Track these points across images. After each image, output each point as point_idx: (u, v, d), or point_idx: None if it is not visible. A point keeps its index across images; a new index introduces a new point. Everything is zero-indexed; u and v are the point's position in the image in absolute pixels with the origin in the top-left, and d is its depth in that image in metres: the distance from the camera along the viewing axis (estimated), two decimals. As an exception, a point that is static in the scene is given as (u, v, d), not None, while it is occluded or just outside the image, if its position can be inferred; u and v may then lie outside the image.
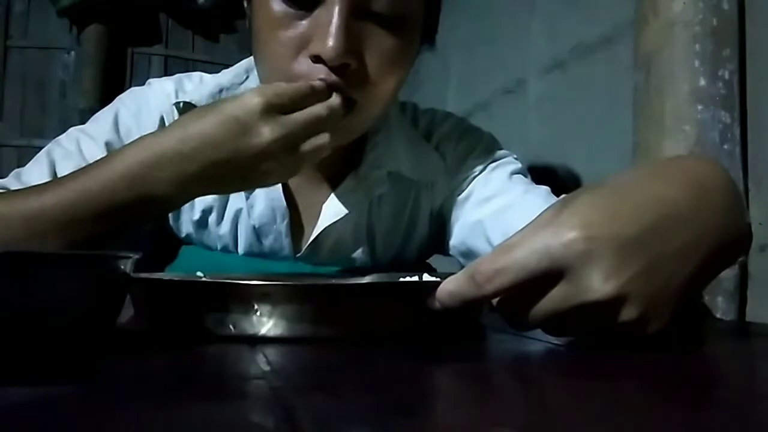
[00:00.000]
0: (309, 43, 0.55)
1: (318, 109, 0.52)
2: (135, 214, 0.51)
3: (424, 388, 0.28)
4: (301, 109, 0.51)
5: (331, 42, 0.53)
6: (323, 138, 0.52)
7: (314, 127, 0.51)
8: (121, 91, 0.73)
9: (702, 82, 0.69)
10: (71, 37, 2.67)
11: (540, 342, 0.38)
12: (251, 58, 0.70)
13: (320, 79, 0.54)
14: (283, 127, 0.50)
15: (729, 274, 0.68)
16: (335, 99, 0.53)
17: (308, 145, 0.52)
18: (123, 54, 2.73)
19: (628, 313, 0.33)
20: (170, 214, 0.69)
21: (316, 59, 0.54)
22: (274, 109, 0.50)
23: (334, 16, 0.53)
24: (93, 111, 0.70)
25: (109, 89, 2.50)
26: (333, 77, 0.54)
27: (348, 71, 0.55)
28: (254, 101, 0.49)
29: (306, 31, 0.55)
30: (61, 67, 2.68)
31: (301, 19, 0.55)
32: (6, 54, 2.63)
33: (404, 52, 0.59)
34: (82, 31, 2.62)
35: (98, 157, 0.63)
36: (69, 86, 2.66)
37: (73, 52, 2.67)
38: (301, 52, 0.55)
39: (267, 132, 0.49)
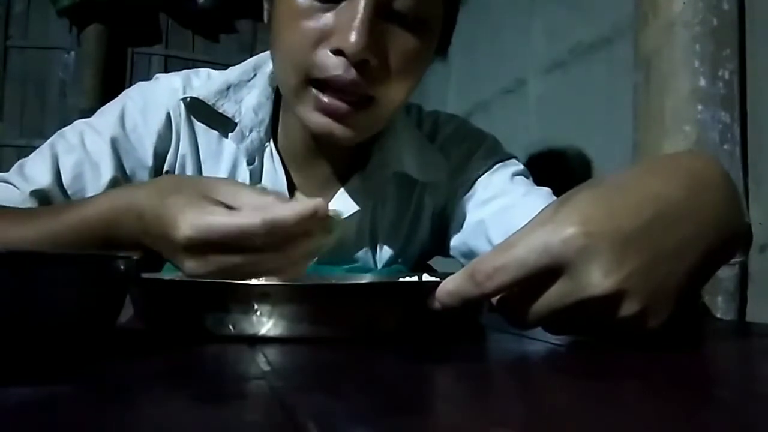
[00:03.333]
0: (331, 36, 0.55)
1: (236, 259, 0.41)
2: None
3: (424, 388, 0.28)
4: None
5: (353, 37, 0.53)
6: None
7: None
8: (121, 91, 0.73)
9: (702, 82, 0.69)
10: (71, 37, 2.67)
11: (540, 342, 0.38)
12: (258, 56, 0.70)
13: (338, 76, 0.55)
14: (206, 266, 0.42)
15: (729, 274, 0.68)
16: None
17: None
18: (123, 54, 2.73)
19: (627, 309, 0.33)
20: None
21: (337, 53, 0.55)
22: (200, 247, 0.41)
23: (358, 12, 0.53)
24: (93, 111, 0.70)
25: (109, 89, 2.50)
26: (352, 72, 0.55)
27: (367, 68, 0.55)
28: (179, 237, 0.41)
29: (329, 24, 0.55)
30: (61, 67, 2.69)
31: (325, 12, 0.55)
32: (6, 54, 2.63)
33: (422, 56, 0.60)
34: (82, 31, 2.62)
35: (102, 152, 0.63)
36: (69, 86, 2.66)
37: (73, 52, 2.67)
38: (322, 45, 0.56)
39: (190, 266, 0.42)
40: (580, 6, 1.03)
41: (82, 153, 0.63)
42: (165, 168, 0.68)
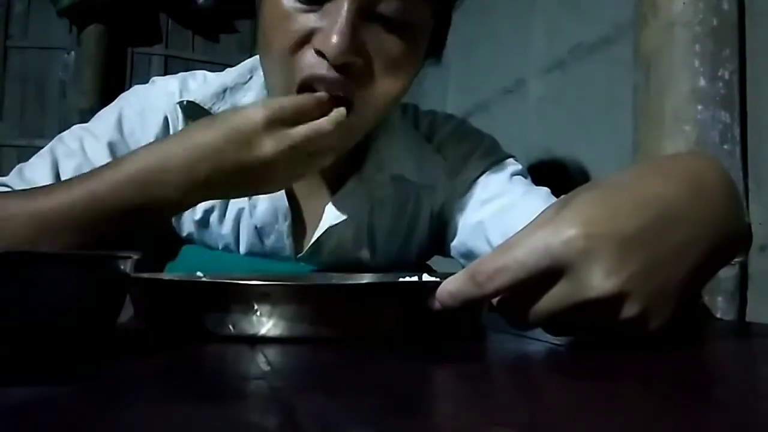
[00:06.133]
0: (314, 39, 0.55)
1: (321, 123, 0.53)
2: (142, 216, 0.53)
3: (424, 388, 0.28)
4: (304, 121, 0.53)
5: (335, 39, 0.53)
6: (326, 150, 0.54)
7: (317, 140, 0.53)
8: (121, 91, 0.73)
9: (702, 82, 0.69)
10: (71, 37, 2.67)
11: (540, 342, 0.38)
12: (255, 57, 0.70)
13: (321, 75, 0.55)
14: (286, 141, 0.51)
15: (729, 274, 0.68)
16: (340, 112, 0.54)
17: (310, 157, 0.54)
18: (123, 54, 2.73)
19: (628, 311, 0.33)
20: None
21: (319, 55, 0.55)
22: (277, 122, 0.51)
23: (341, 14, 0.53)
24: (93, 111, 0.70)
25: (109, 89, 2.50)
26: (333, 74, 0.54)
27: (349, 71, 0.55)
28: (258, 114, 0.51)
29: (313, 26, 0.55)
30: (61, 67, 2.69)
31: (309, 14, 0.55)
32: (6, 54, 2.64)
33: (408, 60, 0.59)
34: (82, 31, 2.62)
35: (100, 157, 0.63)
36: (69, 86, 2.66)
37: (73, 52, 2.67)
38: (306, 47, 0.55)
39: (269, 146, 0.51)
40: (580, 6, 1.03)
41: (82, 158, 0.63)
42: None
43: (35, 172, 0.62)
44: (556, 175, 1.02)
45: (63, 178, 0.62)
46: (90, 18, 2.58)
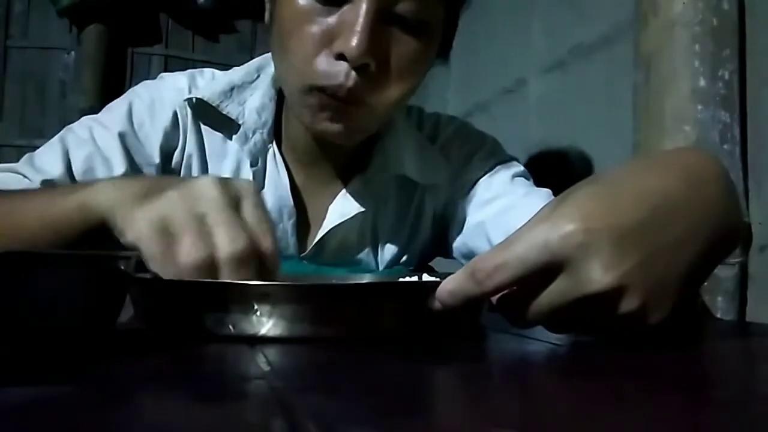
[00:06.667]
0: (333, 41, 0.55)
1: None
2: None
3: (424, 388, 0.28)
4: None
5: (355, 41, 0.53)
6: None
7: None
8: (122, 91, 0.73)
9: (702, 82, 0.69)
10: (71, 37, 2.67)
11: (540, 342, 0.38)
12: (262, 57, 0.70)
13: (339, 84, 0.55)
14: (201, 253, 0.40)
15: (729, 274, 0.68)
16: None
17: None
18: (123, 54, 2.73)
19: (628, 304, 0.33)
20: None
21: (339, 57, 0.55)
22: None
23: (360, 15, 0.53)
24: (93, 111, 0.70)
25: (109, 89, 2.50)
26: (352, 78, 0.55)
27: (367, 71, 0.55)
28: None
29: (331, 28, 0.55)
30: (61, 67, 2.69)
31: (327, 15, 0.55)
32: (6, 54, 2.63)
33: (423, 59, 0.60)
34: (82, 31, 2.62)
35: (111, 146, 0.63)
36: (69, 86, 2.66)
37: (73, 52, 2.67)
38: (324, 50, 0.56)
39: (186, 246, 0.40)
40: (580, 6, 1.03)
41: (92, 147, 0.63)
42: (171, 166, 0.68)
43: (46, 159, 0.62)
44: (556, 175, 1.02)
45: (74, 166, 0.62)
46: (90, 18, 2.58)
